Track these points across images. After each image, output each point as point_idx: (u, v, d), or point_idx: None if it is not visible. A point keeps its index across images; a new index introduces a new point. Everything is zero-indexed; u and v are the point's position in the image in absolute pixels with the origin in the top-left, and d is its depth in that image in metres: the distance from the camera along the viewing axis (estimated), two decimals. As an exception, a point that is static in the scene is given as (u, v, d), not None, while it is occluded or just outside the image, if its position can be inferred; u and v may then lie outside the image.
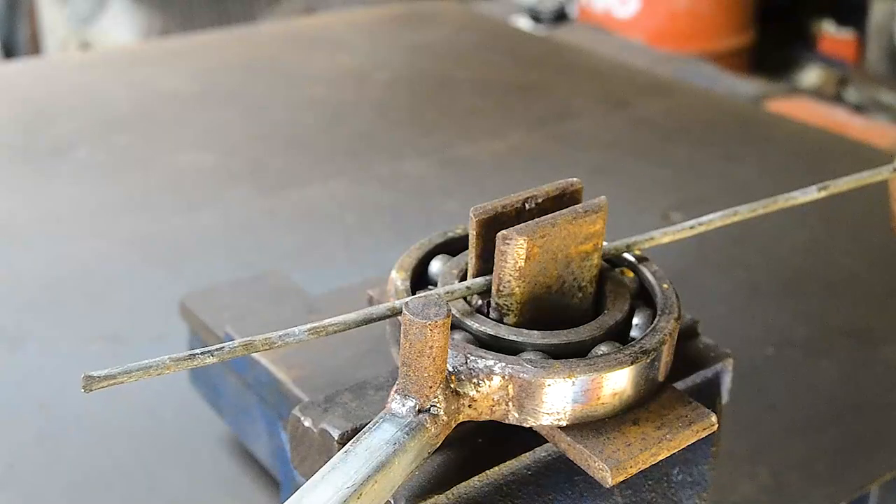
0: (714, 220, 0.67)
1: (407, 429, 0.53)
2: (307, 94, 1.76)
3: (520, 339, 0.58)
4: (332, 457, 0.58)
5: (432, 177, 1.46)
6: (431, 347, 0.52)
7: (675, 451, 0.57)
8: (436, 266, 0.65)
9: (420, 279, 0.64)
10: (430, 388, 0.53)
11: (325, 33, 2.10)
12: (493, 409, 0.57)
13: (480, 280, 0.61)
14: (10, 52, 3.27)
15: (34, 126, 1.58)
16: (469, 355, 0.56)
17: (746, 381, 0.86)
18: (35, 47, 3.29)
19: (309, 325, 0.56)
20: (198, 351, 0.54)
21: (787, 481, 0.91)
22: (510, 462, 0.59)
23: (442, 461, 0.58)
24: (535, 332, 0.58)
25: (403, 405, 0.54)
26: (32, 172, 1.44)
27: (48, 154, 1.49)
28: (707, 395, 0.67)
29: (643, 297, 0.64)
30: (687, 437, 0.58)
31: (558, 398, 0.56)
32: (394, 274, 0.63)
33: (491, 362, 0.56)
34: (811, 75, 3.70)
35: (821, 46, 3.78)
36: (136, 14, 3.16)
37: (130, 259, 1.22)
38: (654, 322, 0.60)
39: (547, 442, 0.58)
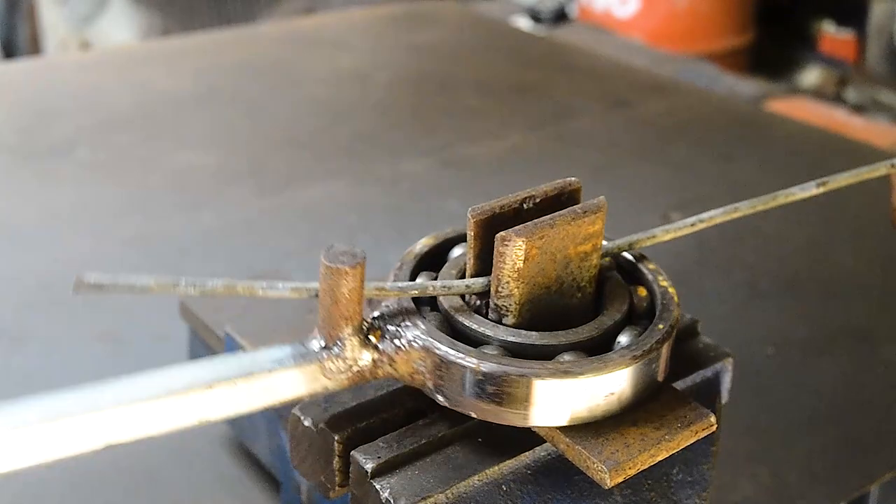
0: (715, 216, 0.67)
1: (298, 357, 0.57)
2: (307, 94, 1.76)
3: (483, 329, 0.59)
4: (332, 457, 0.59)
5: (432, 177, 1.47)
6: (333, 291, 0.55)
7: (674, 451, 0.57)
8: (456, 252, 0.65)
9: (441, 259, 0.65)
10: (333, 329, 0.56)
11: (325, 33, 2.10)
12: (413, 376, 0.58)
13: (482, 280, 0.61)
14: (10, 52, 3.27)
15: (34, 126, 1.58)
16: (406, 318, 0.58)
17: (746, 381, 0.86)
18: (35, 47, 3.29)
19: (292, 284, 0.57)
20: (182, 280, 0.57)
21: (788, 481, 0.91)
22: (510, 461, 0.59)
23: (441, 460, 0.58)
24: (501, 327, 0.59)
25: (314, 340, 0.57)
26: (32, 172, 1.44)
27: (48, 154, 1.49)
28: (707, 395, 0.67)
29: (643, 297, 0.64)
30: (686, 438, 0.58)
31: (468, 383, 0.56)
32: (423, 239, 0.65)
33: (418, 332, 0.58)
34: (811, 75, 3.70)
35: (821, 46, 3.78)
36: (136, 14, 3.16)
37: (130, 259, 1.22)
38: (653, 322, 0.60)
39: (546, 442, 0.58)
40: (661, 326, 0.59)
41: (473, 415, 0.57)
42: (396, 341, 0.58)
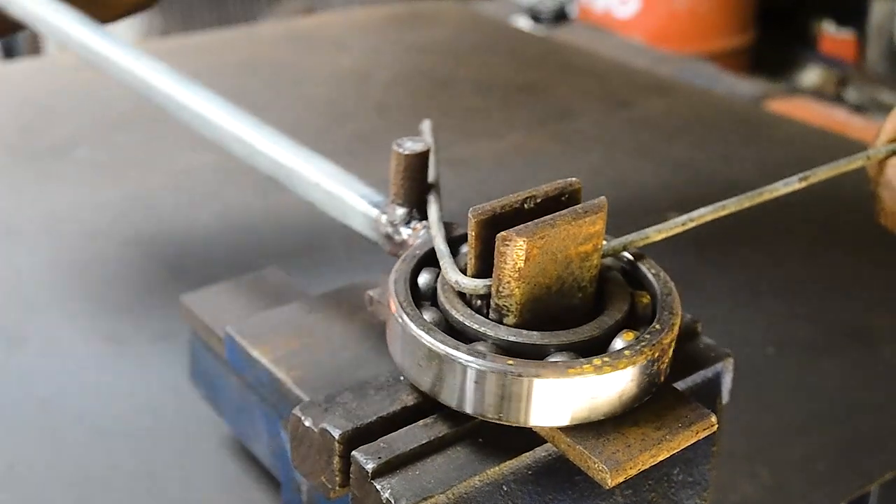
0: (705, 214, 0.68)
1: (373, 201, 0.75)
2: (307, 94, 1.76)
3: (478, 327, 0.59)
4: (332, 458, 0.59)
5: (432, 177, 1.46)
6: (392, 168, 0.72)
7: (674, 451, 0.57)
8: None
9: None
10: (390, 197, 0.72)
11: (325, 33, 2.10)
12: None
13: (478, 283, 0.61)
14: (10, 52, 3.26)
15: (34, 126, 1.58)
16: (415, 216, 0.71)
17: (747, 381, 0.86)
18: (35, 47, 3.29)
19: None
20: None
21: (788, 481, 0.91)
22: (510, 462, 0.58)
23: (442, 461, 0.58)
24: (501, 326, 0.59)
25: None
26: (32, 172, 1.44)
27: (48, 154, 1.49)
28: (707, 395, 0.67)
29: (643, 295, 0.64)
30: (687, 438, 0.58)
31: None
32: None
33: (419, 241, 0.68)
34: (811, 75, 3.71)
35: (821, 46, 3.78)
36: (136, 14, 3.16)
37: (130, 259, 1.22)
38: (654, 321, 0.60)
39: (547, 442, 0.58)
40: (662, 326, 0.59)
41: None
42: (413, 239, 0.69)
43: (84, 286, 1.16)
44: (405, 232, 0.72)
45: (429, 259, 0.65)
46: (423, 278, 0.64)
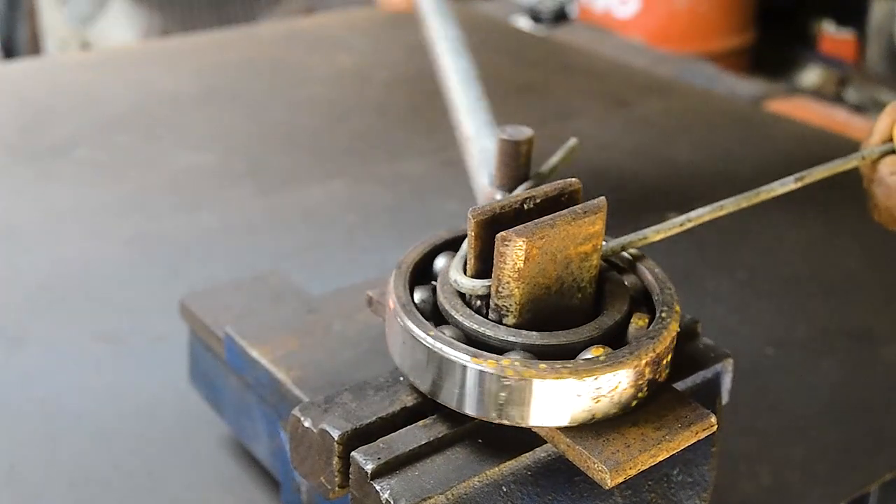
0: (703, 215, 0.68)
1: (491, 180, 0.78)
2: (307, 94, 1.76)
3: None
4: (332, 458, 0.59)
5: (432, 177, 1.46)
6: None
7: (674, 452, 0.57)
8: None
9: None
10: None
11: (325, 33, 2.10)
12: None
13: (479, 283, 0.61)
14: (10, 52, 3.26)
15: (34, 126, 1.58)
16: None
17: (746, 382, 0.85)
18: (35, 47, 3.29)
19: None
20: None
21: (788, 481, 0.91)
22: (510, 462, 0.59)
23: (442, 461, 0.58)
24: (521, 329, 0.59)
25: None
26: (32, 172, 1.44)
27: (48, 154, 1.49)
28: (707, 396, 0.67)
29: (643, 297, 0.64)
30: (686, 438, 0.58)
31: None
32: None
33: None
34: (811, 75, 3.70)
35: (821, 46, 3.77)
36: (136, 14, 3.16)
37: (130, 259, 1.22)
38: (653, 322, 0.60)
39: (547, 442, 0.58)
40: (661, 327, 0.59)
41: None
42: None
43: (84, 286, 1.16)
44: None
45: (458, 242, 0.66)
46: (440, 262, 0.64)
